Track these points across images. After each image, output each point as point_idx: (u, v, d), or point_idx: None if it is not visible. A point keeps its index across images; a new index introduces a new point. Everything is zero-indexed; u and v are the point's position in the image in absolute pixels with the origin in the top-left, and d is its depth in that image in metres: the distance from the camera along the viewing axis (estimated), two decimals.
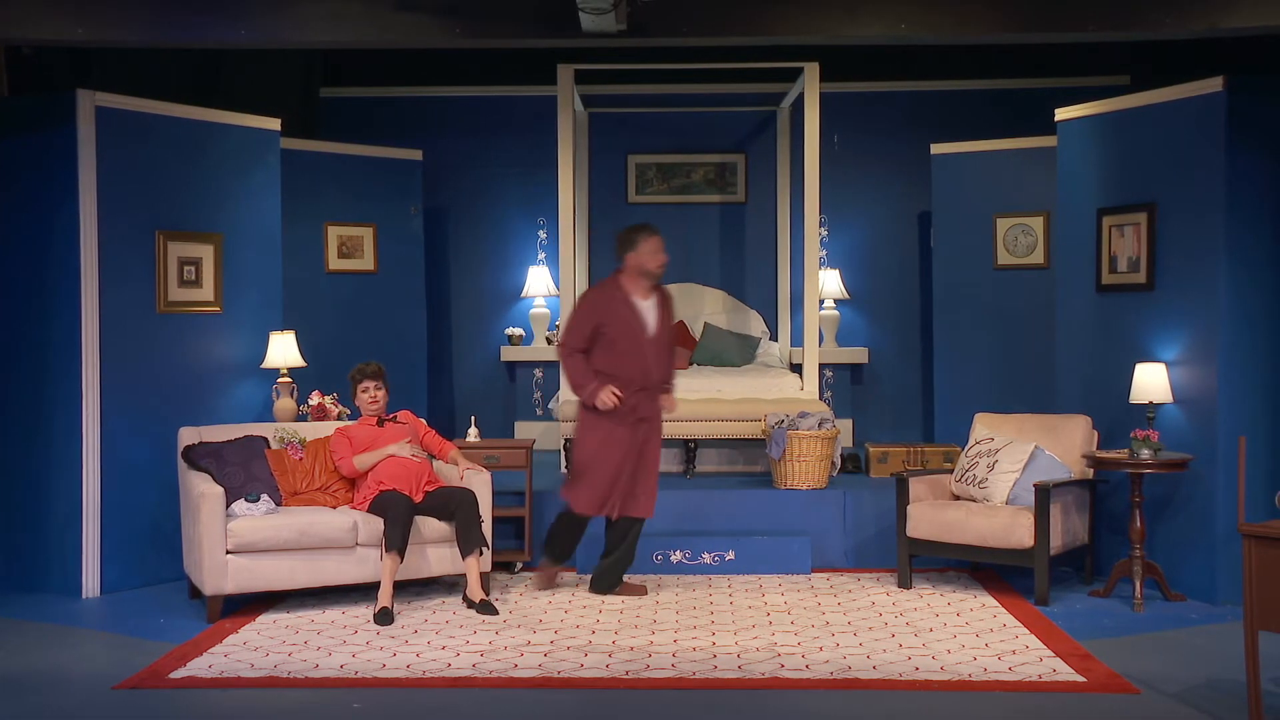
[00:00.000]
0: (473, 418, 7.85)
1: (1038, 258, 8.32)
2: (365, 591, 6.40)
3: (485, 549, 6.27)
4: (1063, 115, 7.25)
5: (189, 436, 6.48)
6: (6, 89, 6.93)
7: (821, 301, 9.14)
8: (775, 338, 9.58)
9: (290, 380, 7.18)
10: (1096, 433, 6.72)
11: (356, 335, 8.58)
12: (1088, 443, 6.66)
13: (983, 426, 6.94)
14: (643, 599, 6.38)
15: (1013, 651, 5.42)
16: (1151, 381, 6.38)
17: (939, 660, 5.28)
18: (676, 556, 7.01)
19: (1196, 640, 5.66)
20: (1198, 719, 4.58)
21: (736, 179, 9.89)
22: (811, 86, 7.98)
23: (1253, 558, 4.26)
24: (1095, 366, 6.98)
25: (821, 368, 8.97)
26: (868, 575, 6.95)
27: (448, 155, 9.66)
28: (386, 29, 6.01)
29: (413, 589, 6.52)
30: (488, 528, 6.36)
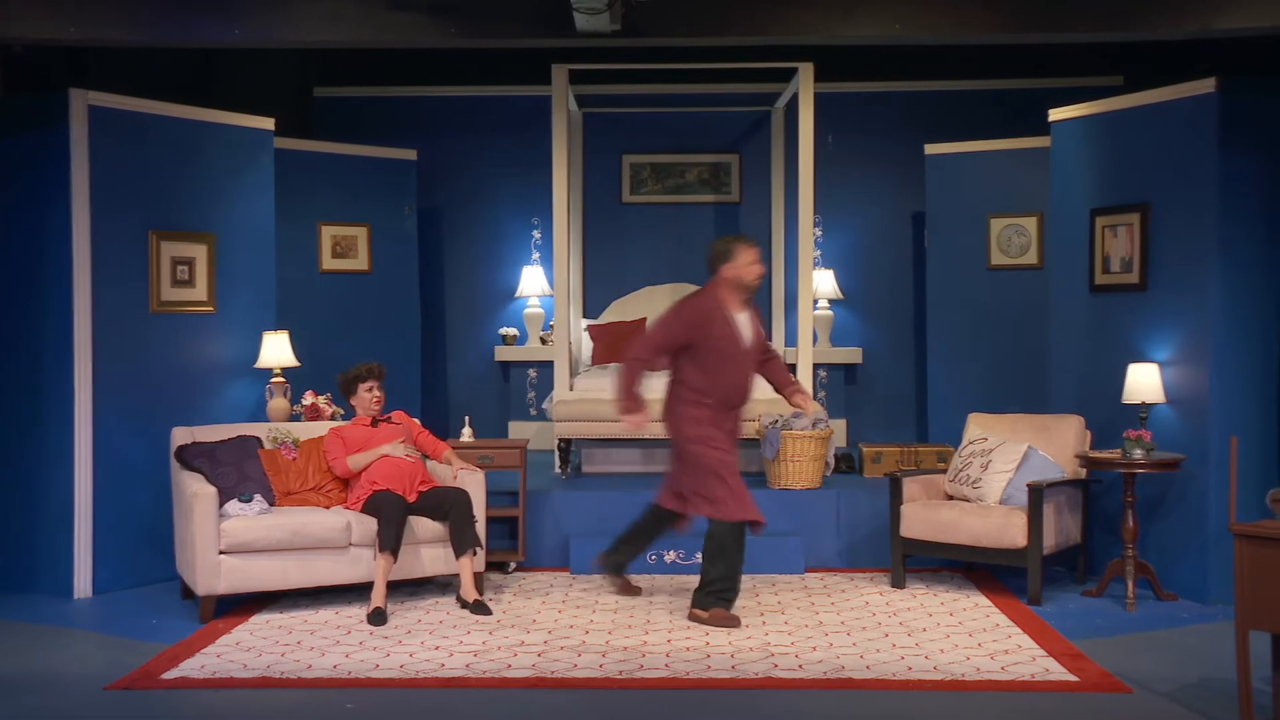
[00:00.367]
0: (466, 418, 7.86)
1: (1031, 258, 8.33)
2: (359, 592, 6.39)
3: (479, 549, 6.27)
4: (1056, 116, 7.27)
5: (182, 436, 6.47)
6: (0, 88, 6.91)
7: (816, 301, 9.15)
8: (770, 338, 9.57)
9: (284, 380, 7.18)
10: (1089, 433, 6.73)
11: (350, 335, 8.58)
12: (1081, 443, 6.67)
13: (976, 426, 6.95)
14: (636, 599, 6.38)
15: (1006, 651, 5.42)
16: (1144, 381, 6.39)
17: (932, 660, 5.29)
18: (670, 556, 7.01)
19: (1188, 640, 5.67)
20: (1189, 718, 4.60)
21: (731, 179, 9.90)
22: (806, 87, 7.98)
23: (1244, 557, 4.27)
24: (1088, 367, 6.99)
25: (816, 368, 8.97)
26: (861, 575, 6.96)
27: (442, 155, 9.66)
28: (381, 29, 6.01)
29: (406, 589, 6.51)
30: (481, 528, 6.35)
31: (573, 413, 7.88)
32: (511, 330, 9.74)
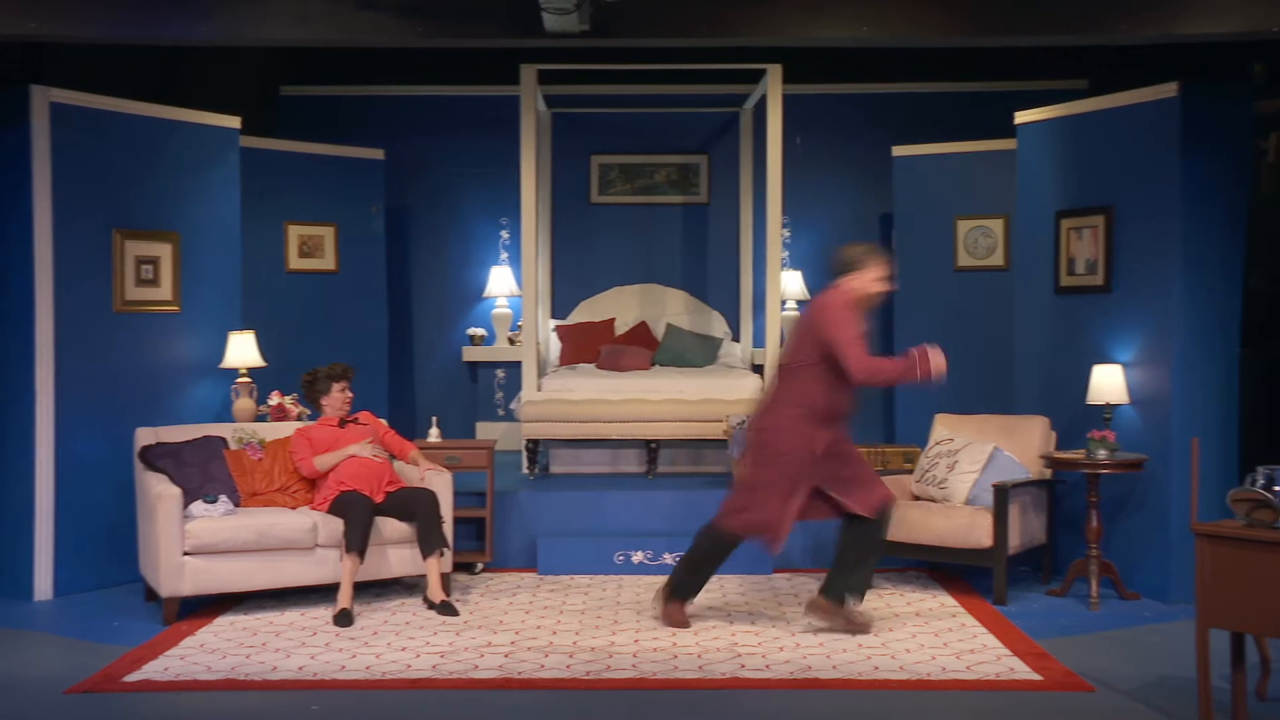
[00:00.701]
0: (434, 418, 7.82)
1: (998, 259, 8.39)
2: (325, 593, 6.36)
3: (446, 550, 6.25)
4: (1022, 119, 7.32)
5: (146, 437, 6.41)
6: None
7: (784, 302, 9.17)
8: (737, 338, 9.60)
9: (249, 380, 7.13)
10: (1054, 433, 6.79)
11: (317, 335, 8.52)
12: (1046, 443, 6.73)
13: (942, 427, 6.99)
14: (603, 597, 6.38)
15: (971, 651, 5.46)
16: (1108, 383, 6.45)
17: (898, 660, 5.31)
18: (638, 557, 7.01)
19: (1150, 638, 5.73)
20: (1150, 716, 4.64)
21: (699, 180, 9.91)
22: (774, 88, 8.00)
23: (1205, 557, 4.31)
24: (1053, 368, 7.05)
25: None
26: None
27: (410, 154, 9.61)
28: (347, 28, 5.96)
29: (373, 590, 6.48)
30: (449, 529, 6.33)
31: (541, 413, 7.86)
32: (479, 330, 9.71)
